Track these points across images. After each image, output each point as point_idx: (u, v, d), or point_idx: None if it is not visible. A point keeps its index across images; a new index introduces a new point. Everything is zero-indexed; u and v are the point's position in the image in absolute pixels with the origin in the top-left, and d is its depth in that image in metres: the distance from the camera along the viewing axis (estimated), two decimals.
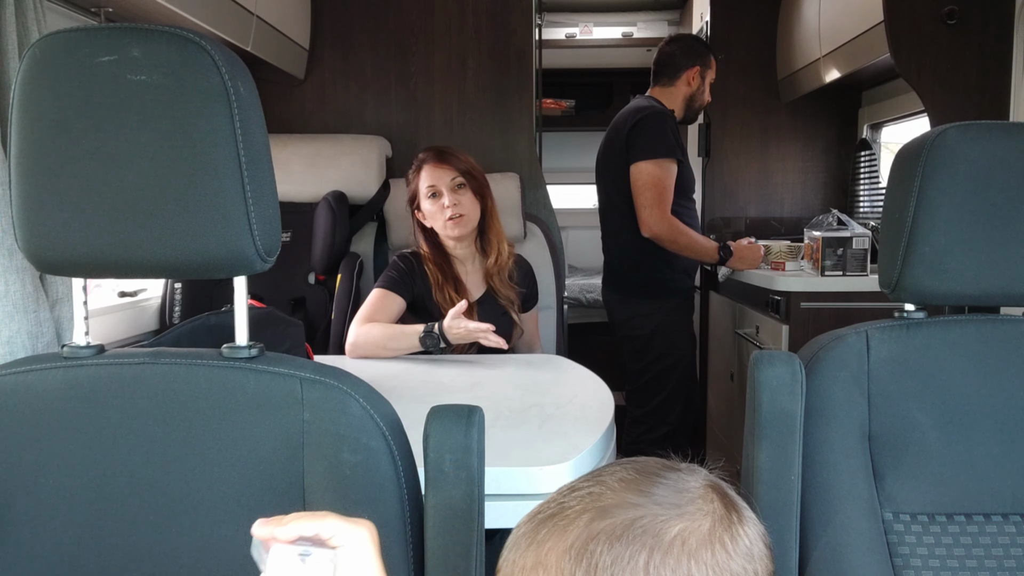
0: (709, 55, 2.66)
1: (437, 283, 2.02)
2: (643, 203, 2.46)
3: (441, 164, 2.02)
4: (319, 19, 2.82)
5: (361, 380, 0.85)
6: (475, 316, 1.98)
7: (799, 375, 0.99)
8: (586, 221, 5.53)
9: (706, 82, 2.65)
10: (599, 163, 2.72)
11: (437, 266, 2.04)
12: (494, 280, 2.04)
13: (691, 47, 2.67)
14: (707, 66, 2.65)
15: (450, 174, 2.01)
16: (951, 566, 1.00)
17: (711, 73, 2.66)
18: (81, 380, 0.85)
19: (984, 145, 1.00)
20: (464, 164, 2.04)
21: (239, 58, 0.82)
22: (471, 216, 2.02)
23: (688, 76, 2.63)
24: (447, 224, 2.00)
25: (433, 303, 2.01)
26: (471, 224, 2.03)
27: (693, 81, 2.63)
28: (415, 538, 0.82)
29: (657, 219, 2.44)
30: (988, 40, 2.18)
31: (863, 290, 2.31)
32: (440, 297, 2.01)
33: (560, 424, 1.27)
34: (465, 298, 1.98)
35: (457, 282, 2.04)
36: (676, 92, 2.65)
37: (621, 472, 0.63)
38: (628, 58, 4.99)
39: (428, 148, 2.09)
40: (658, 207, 2.44)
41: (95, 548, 0.83)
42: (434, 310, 2.01)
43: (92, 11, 1.86)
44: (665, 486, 0.62)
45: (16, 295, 1.32)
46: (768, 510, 1.00)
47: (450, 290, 2.01)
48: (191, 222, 0.79)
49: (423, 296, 2.02)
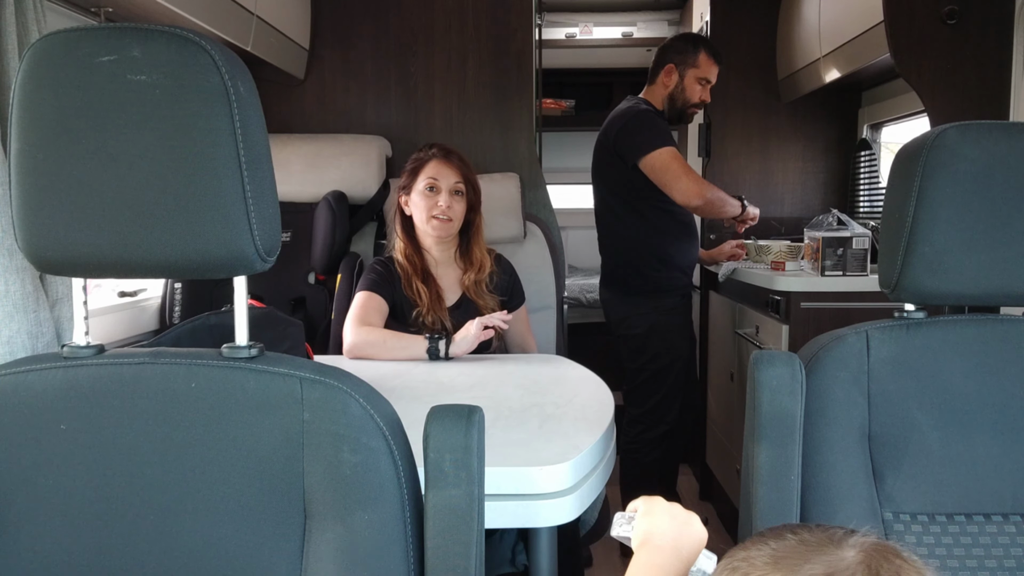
0: (696, 53, 2.60)
1: (404, 276, 2.03)
2: (669, 181, 2.45)
3: (449, 164, 2.03)
4: (319, 19, 2.82)
5: (361, 380, 0.85)
6: (445, 314, 2.00)
7: (799, 375, 0.99)
8: (586, 221, 5.49)
9: (687, 80, 2.60)
10: (593, 165, 2.74)
11: (408, 259, 2.04)
12: (470, 291, 2.05)
13: (669, 45, 2.66)
14: (687, 63, 2.60)
15: (454, 177, 2.03)
16: (951, 566, 1.00)
17: (696, 71, 2.60)
18: (81, 380, 0.85)
19: (984, 145, 1.00)
20: (468, 172, 2.06)
21: (239, 58, 0.82)
22: (456, 224, 2.04)
23: (664, 73, 2.62)
24: (431, 220, 2.01)
25: (405, 299, 2.02)
26: (452, 231, 2.05)
27: (669, 79, 2.61)
28: (415, 538, 0.82)
29: (693, 189, 2.45)
30: (988, 40, 2.18)
31: (863, 290, 2.31)
32: (409, 291, 2.01)
33: (560, 424, 1.27)
34: (439, 292, 2.01)
35: (428, 276, 2.04)
36: (655, 91, 2.65)
37: (768, 548, 0.59)
38: (628, 58, 4.99)
39: (438, 144, 2.09)
40: (685, 177, 2.44)
41: (95, 548, 0.83)
42: (405, 306, 2.01)
43: (92, 11, 1.86)
44: (817, 562, 0.57)
45: (16, 295, 1.32)
46: (768, 510, 0.99)
47: (418, 282, 2.01)
48: (191, 222, 0.79)
49: (401, 299, 2.03)
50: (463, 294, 2.05)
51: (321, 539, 0.81)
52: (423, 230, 2.05)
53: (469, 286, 2.04)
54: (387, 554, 0.80)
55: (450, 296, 2.06)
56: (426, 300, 2.00)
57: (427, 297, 2.00)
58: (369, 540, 0.80)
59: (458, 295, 2.06)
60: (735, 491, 2.62)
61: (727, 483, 2.88)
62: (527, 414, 1.33)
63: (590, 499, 1.12)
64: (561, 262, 2.67)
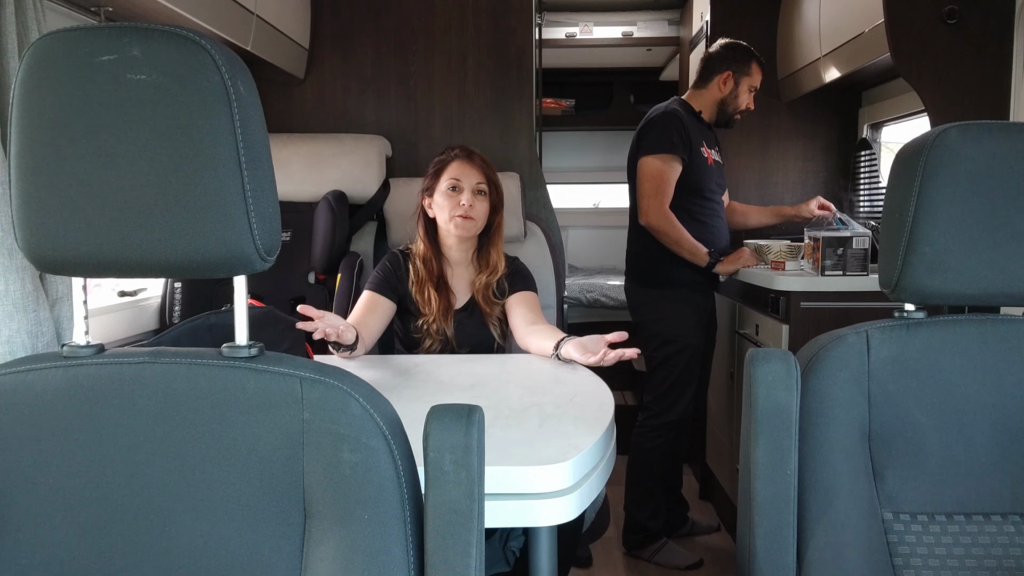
0: (749, 62, 2.69)
1: (418, 280, 2.01)
2: (643, 193, 2.56)
3: (472, 164, 2.03)
4: (319, 19, 2.82)
5: (361, 380, 0.85)
6: (450, 323, 1.99)
7: (794, 371, 0.99)
8: (586, 221, 5.55)
9: (741, 87, 2.69)
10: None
11: (425, 263, 2.03)
12: (479, 295, 2.03)
13: (728, 52, 2.70)
14: (743, 72, 2.68)
15: (477, 177, 2.02)
16: (951, 565, 1.01)
17: (749, 79, 2.69)
18: (81, 380, 0.85)
19: (984, 145, 1.00)
20: (491, 173, 2.05)
21: (239, 57, 0.82)
22: (479, 223, 2.02)
23: (720, 80, 2.68)
24: (454, 219, 1.99)
25: (412, 300, 2.01)
26: (475, 230, 2.03)
27: (725, 85, 2.68)
28: (415, 538, 0.82)
29: (653, 210, 2.53)
30: (988, 40, 2.18)
31: (863, 290, 2.31)
32: (420, 296, 2.00)
33: (560, 424, 1.27)
34: (449, 299, 2.00)
35: (442, 282, 2.03)
36: (707, 95, 2.70)
37: None
38: (628, 58, 5.00)
39: (461, 146, 2.08)
40: (655, 198, 2.53)
41: (95, 548, 0.83)
42: (413, 308, 2.01)
43: (92, 10, 1.86)
44: None
45: (16, 294, 1.32)
46: (765, 505, 1.00)
47: (431, 289, 2.00)
48: (191, 222, 0.79)
49: (407, 295, 2.02)
50: (472, 297, 2.05)
51: (321, 539, 0.81)
52: (446, 230, 2.03)
53: (479, 288, 2.03)
54: (387, 554, 0.80)
55: (460, 298, 2.05)
56: (434, 309, 1.99)
57: (436, 305, 1.99)
58: (369, 540, 0.80)
59: (467, 297, 2.05)
60: (735, 490, 2.62)
61: (727, 483, 2.88)
62: (527, 414, 1.33)
63: (590, 499, 1.12)
64: (561, 262, 2.68)
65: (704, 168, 2.62)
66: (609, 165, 5.24)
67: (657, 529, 2.70)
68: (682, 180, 2.57)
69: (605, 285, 4.41)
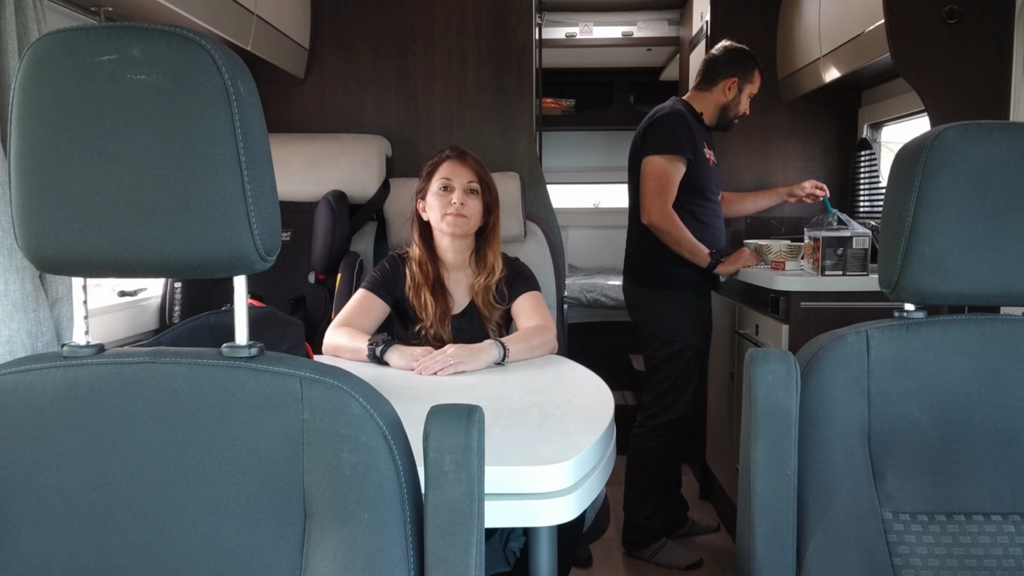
0: (753, 69, 2.70)
1: (415, 285, 2.00)
2: (646, 192, 2.56)
3: (463, 163, 2.02)
4: (319, 19, 2.82)
5: (361, 380, 0.85)
6: (447, 329, 1.98)
7: (794, 371, 0.99)
8: (586, 221, 5.55)
9: (743, 94, 2.70)
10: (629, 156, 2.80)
11: (420, 267, 2.01)
12: (478, 299, 2.01)
13: (735, 58, 2.71)
14: (747, 79, 2.70)
15: (468, 176, 2.01)
16: (951, 565, 1.01)
17: (751, 87, 2.71)
18: (81, 380, 0.85)
19: (984, 145, 1.00)
20: (483, 173, 2.04)
21: (239, 57, 0.82)
22: (473, 221, 2.00)
23: (725, 85, 2.69)
24: (446, 218, 1.97)
25: (410, 305, 2.00)
26: (469, 228, 2.00)
27: (729, 91, 2.69)
28: (415, 538, 0.82)
29: (657, 208, 2.53)
30: (988, 40, 2.18)
31: (863, 290, 2.31)
32: (416, 301, 1.99)
33: (560, 424, 1.27)
34: (447, 304, 1.99)
35: (439, 286, 2.01)
36: (711, 98, 2.71)
37: None
38: (628, 58, 5.00)
39: (452, 146, 2.08)
40: (659, 197, 2.53)
41: (95, 548, 0.83)
42: (410, 313, 2.00)
43: (92, 10, 1.86)
44: None
45: (16, 294, 1.32)
46: (765, 505, 1.00)
47: (427, 294, 1.98)
48: (191, 222, 0.79)
49: (404, 299, 2.01)
50: (471, 301, 2.02)
51: (321, 539, 0.81)
52: (439, 229, 2.00)
53: (479, 291, 2.01)
54: (387, 554, 0.80)
55: (459, 303, 2.03)
56: (431, 314, 1.97)
57: (432, 310, 1.97)
58: (369, 540, 0.80)
59: (467, 302, 2.03)
60: (735, 490, 2.62)
61: (727, 483, 2.88)
62: (527, 414, 1.33)
63: (590, 499, 1.12)
64: (561, 262, 2.67)
65: (706, 169, 2.63)
66: (609, 165, 5.24)
67: (657, 529, 2.70)
68: (685, 181, 2.57)
69: (605, 285, 4.41)
